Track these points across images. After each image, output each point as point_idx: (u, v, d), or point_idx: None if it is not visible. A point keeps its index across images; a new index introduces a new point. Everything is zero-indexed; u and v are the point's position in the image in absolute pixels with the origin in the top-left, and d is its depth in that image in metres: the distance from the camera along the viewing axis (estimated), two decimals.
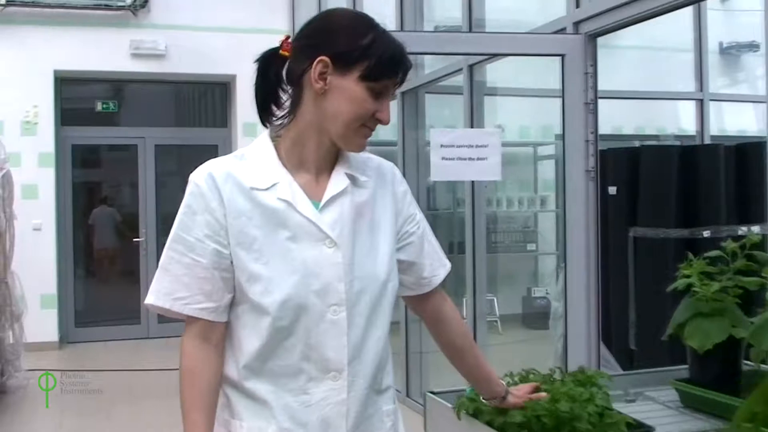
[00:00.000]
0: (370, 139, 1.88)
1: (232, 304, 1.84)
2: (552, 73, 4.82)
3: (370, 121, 1.83)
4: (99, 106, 10.79)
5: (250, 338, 1.81)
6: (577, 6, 4.22)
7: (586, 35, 4.08)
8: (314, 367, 1.81)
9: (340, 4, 8.85)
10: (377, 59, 1.79)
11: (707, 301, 2.41)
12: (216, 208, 1.80)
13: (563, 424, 1.96)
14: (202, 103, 11.81)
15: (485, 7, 6.16)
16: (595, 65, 4.08)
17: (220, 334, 1.85)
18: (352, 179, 1.89)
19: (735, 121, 10.02)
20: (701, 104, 7.23)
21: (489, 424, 2.10)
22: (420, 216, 2.04)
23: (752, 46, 10.69)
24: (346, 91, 1.80)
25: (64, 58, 9.87)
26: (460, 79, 5.90)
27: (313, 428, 1.81)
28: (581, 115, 4.04)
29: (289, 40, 1.89)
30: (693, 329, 2.40)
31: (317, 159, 1.88)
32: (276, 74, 1.91)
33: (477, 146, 4.01)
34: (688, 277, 2.48)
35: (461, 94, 5.84)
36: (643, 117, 10.50)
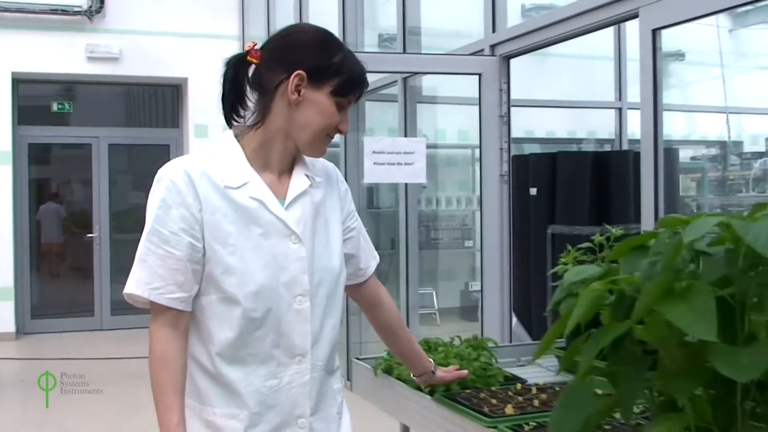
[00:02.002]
0: None
1: (195, 297, 1.94)
2: None
3: (333, 131, 1.99)
4: (55, 107, 11.09)
5: (222, 329, 1.93)
6: (494, 31, 4.79)
7: (501, 57, 4.65)
8: (283, 353, 1.95)
9: (288, 12, 9.32)
10: (347, 77, 1.95)
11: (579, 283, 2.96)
12: (192, 204, 1.89)
13: None
14: (154, 104, 12.13)
15: (420, 16, 6.69)
16: (508, 83, 4.65)
17: (186, 323, 1.94)
18: (310, 180, 2.04)
19: (666, 127, 10.64)
20: (620, 112, 7.84)
21: (398, 378, 2.63)
22: (356, 211, 2.22)
23: (678, 55, 11.31)
24: (318, 104, 1.94)
25: (21, 61, 10.17)
26: (396, 89, 6.41)
27: (282, 410, 1.96)
28: (496, 126, 4.61)
29: (257, 48, 1.99)
30: (567, 306, 2.95)
31: (280, 161, 2.01)
32: (243, 78, 2.00)
33: (405, 153, 4.55)
34: (565, 264, 3.03)
35: (396, 102, 6.36)
36: (576, 122, 11.05)
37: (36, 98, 11.36)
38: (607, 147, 8.90)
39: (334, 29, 7.52)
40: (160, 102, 11.93)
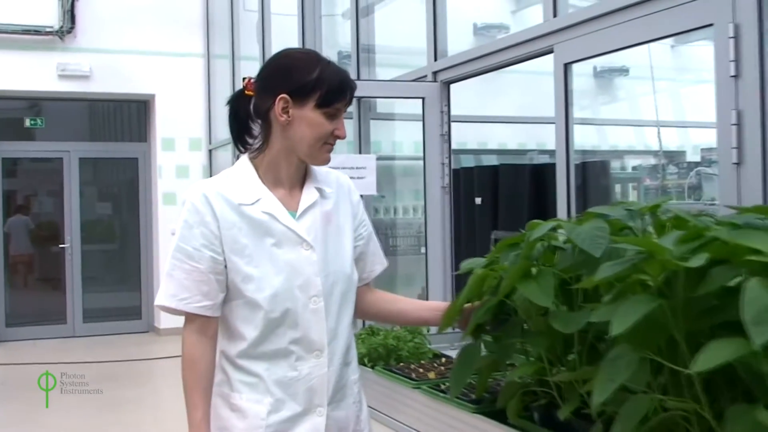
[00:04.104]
0: None
1: (224, 301, 2.13)
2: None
3: (330, 139, 2.13)
4: (27, 122, 11.44)
5: (247, 328, 2.11)
6: (435, 59, 5.38)
7: (442, 82, 5.24)
8: (301, 348, 2.12)
9: (251, 31, 9.81)
10: (327, 88, 2.08)
11: None
12: (210, 222, 2.09)
13: (391, 352, 3.06)
14: (123, 119, 12.49)
15: (375, 35, 7.21)
16: (449, 105, 5.23)
17: (214, 328, 2.15)
18: (320, 192, 2.20)
19: (615, 138, 11.28)
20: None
21: None
22: (368, 220, 2.39)
23: (622, 70, 11.88)
24: (306, 119, 2.08)
25: None
26: (351, 108, 6.94)
27: (302, 399, 2.13)
28: (438, 144, 5.19)
29: (252, 81, 2.18)
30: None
31: (290, 176, 2.18)
32: (245, 111, 2.19)
33: (357, 168, 5.11)
34: None
35: (351, 118, 6.90)
36: (528, 134, 11.57)
37: (9, 114, 11.72)
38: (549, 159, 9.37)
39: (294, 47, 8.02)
40: (128, 117, 12.29)
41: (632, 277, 1.66)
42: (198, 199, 2.11)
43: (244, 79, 2.23)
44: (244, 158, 2.22)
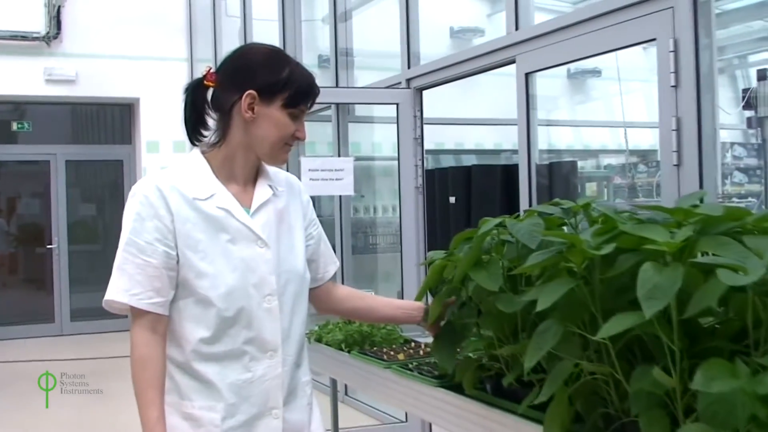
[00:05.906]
0: None
1: (172, 301, 2.05)
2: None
3: (290, 140, 2.11)
4: (14, 126, 11.67)
5: (197, 328, 2.04)
6: (409, 67, 5.70)
7: (415, 89, 5.56)
8: (255, 349, 2.07)
9: (233, 35, 10.07)
10: (296, 89, 2.06)
11: None
12: (164, 215, 2.01)
13: (366, 338, 3.37)
14: (108, 123, 12.65)
15: (353, 39, 7.50)
16: (421, 111, 5.55)
17: (164, 326, 2.05)
18: (272, 189, 2.17)
19: (589, 138, 11.58)
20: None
21: (326, 344, 3.49)
22: (317, 221, 2.38)
23: (595, 72, 12.18)
24: (272, 118, 2.05)
25: None
26: (330, 112, 7.25)
27: (256, 401, 2.09)
28: (411, 147, 5.51)
29: (212, 71, 2.11)
30: None
31: (244, 173, 2.13)
32: (202, 102, 2.12)
33: (336, 170, 5.41)
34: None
35: (330, 121, 7.21)
36: (504, 135, 11.84)
37: None
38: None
39: None
40: (113, 120, 12.47)
41: (561, 265, 1.99)
42: (151, 191, 2.05)
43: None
44: (196, 152, 2.17)
